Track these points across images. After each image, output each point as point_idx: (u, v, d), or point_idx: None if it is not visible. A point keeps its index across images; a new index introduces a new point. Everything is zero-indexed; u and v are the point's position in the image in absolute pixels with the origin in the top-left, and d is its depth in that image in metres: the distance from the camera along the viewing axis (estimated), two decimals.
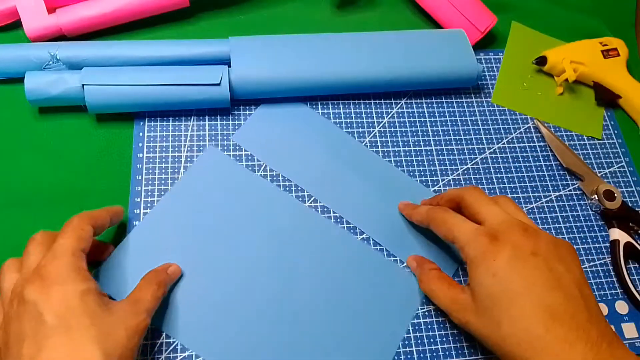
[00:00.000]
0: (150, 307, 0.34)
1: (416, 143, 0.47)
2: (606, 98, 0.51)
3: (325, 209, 0.43)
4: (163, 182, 0.43)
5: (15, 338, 0.30)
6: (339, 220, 0.42)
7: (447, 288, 0.36)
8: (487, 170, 0.47)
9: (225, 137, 0.45)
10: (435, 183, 0.46)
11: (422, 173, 0.46)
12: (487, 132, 0.49)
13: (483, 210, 0.36)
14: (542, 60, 0.52)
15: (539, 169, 0.48)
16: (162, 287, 0.36)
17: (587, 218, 0.46)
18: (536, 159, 0.48)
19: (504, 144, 0.48)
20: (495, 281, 0.32)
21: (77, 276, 0.31)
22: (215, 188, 0.42)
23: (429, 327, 0.40)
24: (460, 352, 0.39)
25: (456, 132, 0.48)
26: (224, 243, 0.40)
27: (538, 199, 0.46)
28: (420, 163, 0.46)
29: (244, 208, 0.42)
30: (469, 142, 0.48)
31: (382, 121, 0.48)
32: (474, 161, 0.47)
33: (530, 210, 0.45)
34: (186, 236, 0.40)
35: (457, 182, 0.46)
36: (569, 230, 0.45)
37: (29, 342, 0.29)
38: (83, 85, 0.42)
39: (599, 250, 0.44)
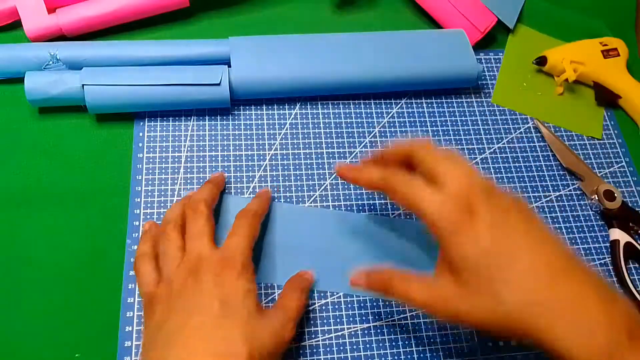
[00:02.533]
0: (296, 316, 0.35)
1: None
2: (606, 98, 0.51)
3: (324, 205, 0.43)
4: (163, 182, 0.43)
5: (182, 306, 0.32)
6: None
7: (418, 284, 0.32)
8: (487, 171, 0.47)
9: (225, 137, 0.45)
10: None
11: None
12: (487, 132, 0.49)
13: (441, 169, 0.32)
14: (542, 60, 0.51)
15: (539, 169, 0.48)
16: (305, 293, 0.37)
17: (587, 218, 0.46)
18: (536, 159, 0.48)
19: (504, 144, 0.48)
20: (482, 255, 0.29)
21: (249, 275, 0.33)
22: None
23: (429, 327, 0.40)
24: (460, 352, 0.39)
25: (456, 132, 0.48)
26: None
27: (538, 199, 0.46)
28: None
29: None
30: (469, 142, 0.48)
31: (382, 121, 0.48)
32: (474, 161, 0.47)
33: None
34: None
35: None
36: (569, 230, 0.45)
37: (197, 316, 0.31)
38: (83, 85, 0.42)
39: (599, 250, 0.44)
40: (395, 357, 0.38)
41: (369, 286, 0.34)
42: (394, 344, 0.39)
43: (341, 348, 0.38)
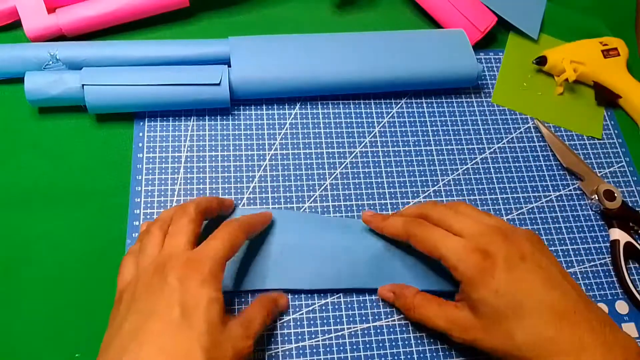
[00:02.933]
0: (258, 332, 0.34)
1: (416, 143, 0.47)
2: (606, 98, 0.51)
3: (325, 210, 0.43)
4: (163, 182, 0.43)
5: (143, 308, 0.31)
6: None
7: (438, 309, 0.36)
8: (487, 170, 0.47)
9: (225, 137, 0.45)
10: (435, 183, 0.46)
11: (422, 173, 0.46)
12: (487, 132, 0.49)
13: (454, 224, 0.36)
14: (542, 60, 0.51)
15: (539, 169, 0.47)
16: (270, 316, 0.36)
17: (587, 218, 0.46)
18: (536, 159, 0.48)
19: (504, 144, 0.48)
20: (499, 297, 0.32)
21: (216, 284, 0.32)
22: None
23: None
24: (460, 352, 0.39)
25: (456, 132, 0.48)
26: None
27: (538, 199, 0.46)
28: (420, 163, 0.46)
29: None
30: (469, 142, 0.48)
31: (382, 121, 0.48)
32: (474, 161, 0.47)
33: (530, 210, 0.45)
34: None
35: (457, 182, 0.46)
36: (569, 230, 0.45)
37: (154, 320, 0.30)
38: (83, 85, 0.42)
39: (599, 250, 0.44)
40: (395, 357, 0.38)
41: (395, 302, 0.39)
42: (394, 344, 0.39)
43: (341, 348, 0.38)
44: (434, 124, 0.48)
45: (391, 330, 0.39)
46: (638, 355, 0.31)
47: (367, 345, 0.38)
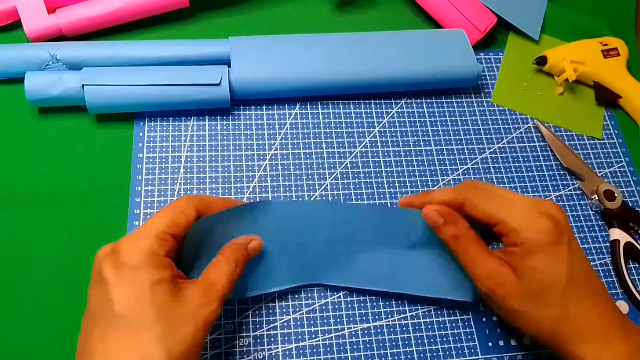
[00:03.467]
0: (225, 292, 0.31)
1: (416, 143, 0.47)
2: (606, 98, 0.51)
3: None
4: (163, 182, 0.43)
5: (91, 313, 0.30)
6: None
7: (488, 258, 0.33)
8: (487, 170, 0.47)
9: (225, 137, 0.45)
10: (435, 183, 0.46)
11: (422, 173, 0.46)
12: (487, 132, 0.49)
13: (505, 193, 0.34)
14: (542, 60, 0.51)
15: (539, 169, 0.47)
16: (240, 266, 0.33)
17: (587, 218, 0.46)
18: (536, 159, 0.48)
19: (504, 144, 0.48)
20: (556, 267, 0.32)
21: (151, 263, 0.29)
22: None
23: (429, 327, 0.40)
24: (460, 352, 0.39)
25: (456, 132, 0.48)
26: None
27: None
28: (420, 163, 0.46)
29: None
30: (469, 142, 0.48)
31: (382, 121, 0.48)
32: (474, 161, 0.47)
33: None
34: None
35: (457, 182, 0.46)
36: None
37: (99, 325, 0.28)
38: (83, 85, 0.42)
39: (599, 250, 0.44)
40: (395, 357, 0.38)
41: (439, 225, 0.35)
42: (394, 344, 0.39)
43: (341, 348, 0.38)
44: (434, 124, 0.48)
45: (391, 330, 0.39)
46: None
47: (367, 345, 0.39)
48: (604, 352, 0.31)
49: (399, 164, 0.46)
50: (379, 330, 0.39)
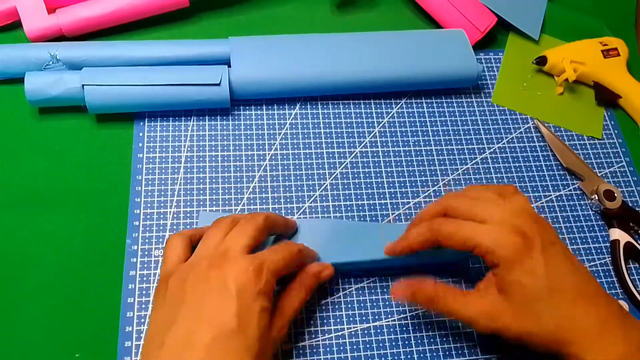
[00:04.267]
0: (293, 317, 0.35)
1: (416, 143, 0.47)
2: (606, 98, 0.51)
3: (326, 209, 0.43)
4: (163, 182, 0.43)
5: (190, 298, 0.31)
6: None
7: (464, 299, 0.35)
8: (487, 170, 0.47)
9: (225, 137, 0.45)
10: (435, 183, 0.46)
11: (422, 173, 0.46)
12: (487, 132, 0.49)
13: (479, 212, 0.35)
14: (542, 60, 0.51)
15: (539, 169, 0.47)
16: (309, 293, 0.37)
17: (587, 218, 0.46)
18: (536, 159, 0.48)
19: (504, 144, 0.48)
20: (535, 278, 0.33)
21: (270, 295, 0.33)
22: None
23: (429, 327, 0.40)
24: (460, 352, 0.39)
25: (456, 132, 0.48)
26: None
27: (538, 199, 0.46)
28: (420, 163, 0.46)
29: None
30: (469, 142, 0.48)
31: (382, 121, 0.48)
32: (474, 161, 0.47)
33: None
34: None
35: (457, 182, 0.46)
36: (569, 230, 0.45)
37: (208, 326, 0.30)
38: (83, 85, 0.42)
39: (599, 250, 0.44)
40: (395, 357, 0.38)
41: (413, 300, 0.36)
42: (394, 344, 0.39)
43: (341, 348, 0.38)
44: (434, 124, 0.48)
45: (391, 330, 0.39)
46: None
47: (367, 345, 0.38)
48: (600, 354, 0.31)
49: (399, 164, 0.46)
50: (379, 330, 0.39)
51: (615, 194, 0.45)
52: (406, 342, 0.39)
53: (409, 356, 0.38)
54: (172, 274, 0.33)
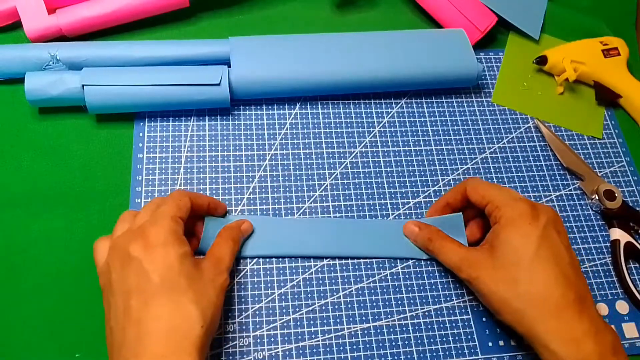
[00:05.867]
0: (229, 265, 0.37)
1: (416, 143, 0.47)
2: (607, 97, 0.51)
3: (325, 209, 0.43)
4: (163, 182, 0.43)
5: (120, 288, 0.32)
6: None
7: (454, 246, 0.39)
8: (487, 170, 0.47)
9: (225, 137, 0.45)
10: (435, 183, 0.46)
11: (422, 173, 0.46)
12: (487, 132, 0.49)
13: (494, 192, 0.38)
14: (542, 60, 0.51)
15: (539, 168, 0.47)
16: (237, 243, 0.39)
17: (587, 218, 0.46)
18: (536, 158, 0.48)
19: (504, 144, 0.48)
20: (525, 243, 0.35)
21: (176, 240, 0.33)
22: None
23: (429, 327, 0.40)
24: (460, 352, 0.39)
25: (456, 132, 0.48)
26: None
27: (538, 199, 0.46)
28: (420, 163, 0.46)
29: None
30: (469, 142, 0.48)
31: (382, 121, 0.48)
32: (474, 161, 0.47)
33: None
34: None
35: (457, 182, 0.46)
36: (569, 230, 0.45)
37: (136, 296, 0.31)
38: (83, 85, 0.42)
39: (599, 250, 0.44)
40: (395, 357, 0.38)
41: (415, 239, 0.42)
42: (394, 344, 0.39)
43: (341, 348, 0.38)
44: (434, 124, 0.48)
45: (391, 330, 0.39)
46: (617, 340, 0.34)
47: (367, 345, 0.39)
48: (572, 346, 0.32)
49: (399, 164, 0.46)
50: (379, 330, 0.39)
51: (616, 194, 0.45)
52: (406, 342, 0.39)
53: (409, 356, 0.38)
54: (101, 273, 0.34)
